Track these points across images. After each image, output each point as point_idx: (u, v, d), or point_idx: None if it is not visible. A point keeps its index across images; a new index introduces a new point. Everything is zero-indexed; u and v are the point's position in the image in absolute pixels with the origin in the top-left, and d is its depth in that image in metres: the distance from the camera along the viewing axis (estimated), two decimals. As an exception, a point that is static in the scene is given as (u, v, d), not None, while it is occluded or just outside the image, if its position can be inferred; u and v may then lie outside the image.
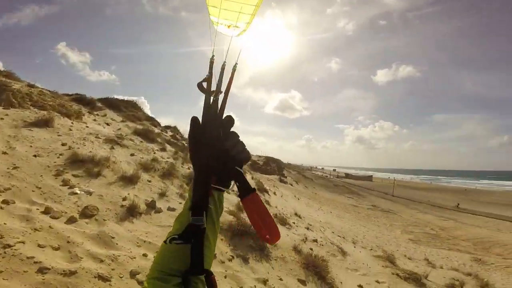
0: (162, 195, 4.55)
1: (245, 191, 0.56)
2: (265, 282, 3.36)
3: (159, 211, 3.93)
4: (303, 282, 3.74)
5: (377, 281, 4.38)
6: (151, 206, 3.93)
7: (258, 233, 0.56)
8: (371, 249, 7.18)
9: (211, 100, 0.62)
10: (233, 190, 0.59)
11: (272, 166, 27.45)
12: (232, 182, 0.58)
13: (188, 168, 7.61)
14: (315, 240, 6.11)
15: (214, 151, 0.56)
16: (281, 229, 6.37)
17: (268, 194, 11.22)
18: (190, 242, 0.53)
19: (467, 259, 8.81)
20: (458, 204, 27.40)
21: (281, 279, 3.60)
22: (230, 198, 6.77)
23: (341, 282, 4.07)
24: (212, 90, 0.64)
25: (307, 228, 7.47)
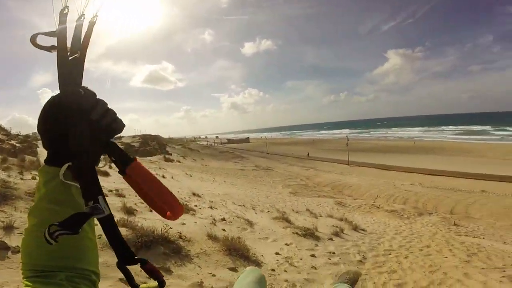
0: (9, 228, 3.12)
1: (125, 163, 0.48)
2: (201, 285, 3.11)
3: (17, 250, 2.76)
4: (234, 269, 3.71)
5: (286, 244, 5.02)
6: (1, 247, 2.72)
7: (156, 209, 0.50)
8: (268, 211, 8.14)
9: (67, 61, 0.49)
10: (99, 167, 0.51)
11: (152, 144, 25.05)
12: (101, 158, 0.52)
13: (33, 178, 5.63)
14: (223, 219, 6.20)
15: (84, 125, 0.46)
16: (186, 217, 6.04)
17: (159, 179, 10.24)
18: (77, 231, 0.43)
19: (332, 203, 10.91)
20: (308, 154, 35.55)
21: (213, 275, 3.41)
22: (111, 202, 5.63)
23: (262, 255, 4.38)
24: (55, 47, 0.50)
25: (211, 207, 7.45)
